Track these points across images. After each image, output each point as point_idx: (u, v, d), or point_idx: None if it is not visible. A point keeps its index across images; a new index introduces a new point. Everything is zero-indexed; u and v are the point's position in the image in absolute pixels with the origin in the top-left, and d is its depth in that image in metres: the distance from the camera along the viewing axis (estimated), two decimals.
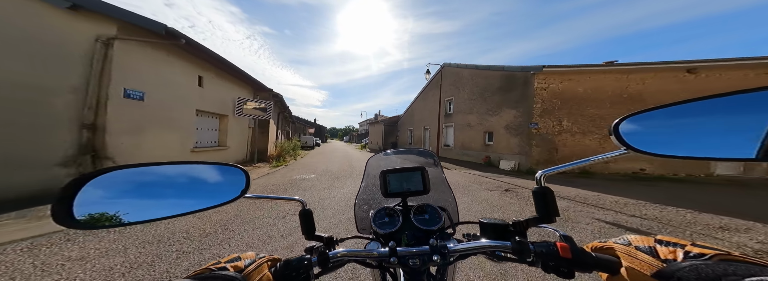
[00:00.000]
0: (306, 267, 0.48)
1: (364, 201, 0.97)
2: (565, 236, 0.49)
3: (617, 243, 0.44)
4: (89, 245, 2.79)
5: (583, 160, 0.50)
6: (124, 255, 2.58)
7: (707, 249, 0.36)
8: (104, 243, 2.86)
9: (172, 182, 0.51)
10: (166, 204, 0.48)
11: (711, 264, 0.32)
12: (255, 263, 0.45)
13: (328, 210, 4.35)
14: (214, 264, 0.43)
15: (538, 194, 0.55)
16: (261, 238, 3.12)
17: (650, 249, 0.39)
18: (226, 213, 4.01)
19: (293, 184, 7.00)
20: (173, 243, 2.91)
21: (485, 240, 0.56)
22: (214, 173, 0.57)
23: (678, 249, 0.37)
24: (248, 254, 0.48)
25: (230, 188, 0.56)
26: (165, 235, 3.12)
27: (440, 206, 0.81)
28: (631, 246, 0.42)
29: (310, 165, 11.75)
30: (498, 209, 4.50)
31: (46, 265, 2.33)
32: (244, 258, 0.46)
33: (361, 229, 0.90)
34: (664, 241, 0.40)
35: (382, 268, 0.63)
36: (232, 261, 0.44)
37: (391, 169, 0.83)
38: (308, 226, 0.66)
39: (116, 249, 2.72)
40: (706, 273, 0.31)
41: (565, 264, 0.45)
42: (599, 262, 0.43)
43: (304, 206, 0.66)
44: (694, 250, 0.36)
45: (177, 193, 0.51)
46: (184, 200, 0.51)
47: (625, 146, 0.45)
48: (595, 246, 0.47)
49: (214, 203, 0.53)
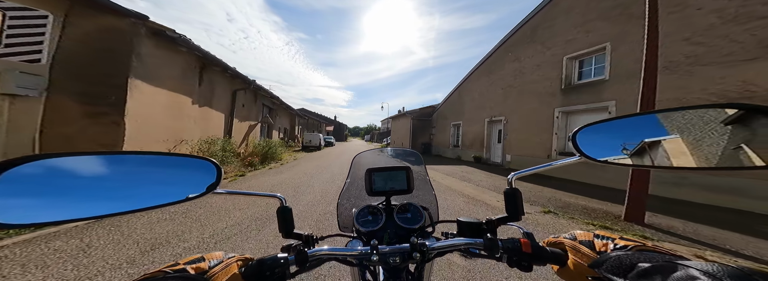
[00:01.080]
0: (282, 265, 0.47)
1: (347, 200, 0.96)
2: (527, 233, 0.54)
3: (566, 239, 0.49)
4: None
5: (545, 164, 0.54)
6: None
7: (630, 241, 0.43)
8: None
9: (130, 173, 0.46)
10: (119, 199, 0.42)
11: (630, 254, 0.38)
12: (222, 263, 0.43)
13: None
14: (171, 265, 0.41)
15: (508, 194, 0.60)
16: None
17: (589, 243, 0.46)
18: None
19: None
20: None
21: (461, 238, 0.57)
22: (181, 166, 0.54)
23: (609, 242, 0.44)
24: (215, 254, 0.46)
25: (199, 182, 0.52)
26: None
27: (422, 206, 0.81)
28: (576, 240, 0.48)
29: (261, 185, 6.52)
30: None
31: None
32: (208, 259, 0.44)
33: (343, 227, 0.90)
34: (600, 235, 0.47)
35: (362, 266, 0.62)
36: (192, 262, 0.42)
37: (376, 167, 0.83)
38: (286, 224, 0.64)
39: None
40: (625, 261, 0.36)
41: (526, 258, 0.48)
42: (552, 256, 0.48)
43: (283, 203, 0.65)
44: (620, 242, 0.43)
45: (134, 186, 0.46)
46: (141, 195, 0.45)
47: (578, 153, 0.49)
48: (550, 241, 0.52)
49: (177, 198, 0.49)
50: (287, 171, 8.60)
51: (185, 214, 3.67)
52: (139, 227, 3.15)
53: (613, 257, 0.38)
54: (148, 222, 3.33)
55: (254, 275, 0.43)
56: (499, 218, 0.60)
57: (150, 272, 0.38)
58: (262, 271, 0.44)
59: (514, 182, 0.59)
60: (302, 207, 4.25)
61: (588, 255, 0.43)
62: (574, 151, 0.49)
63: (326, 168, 9.51)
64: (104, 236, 2.83)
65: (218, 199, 4.30)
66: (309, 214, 3.92)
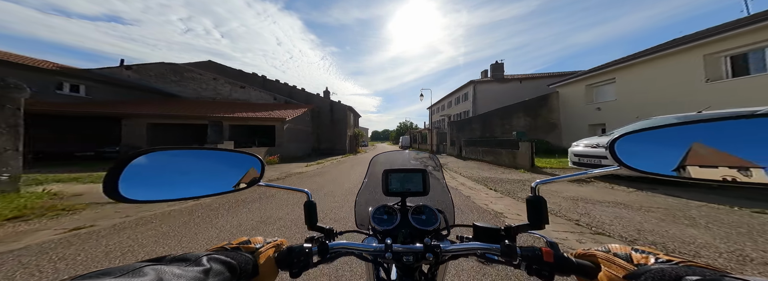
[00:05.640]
0: (306, 254, 0.52)
1: (364, 198, 0.98)
2: (551, 242, 0.52)
3: (599, 251, 0.46)
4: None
5: (579, 173, 0.52)
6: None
7: (676, 257, 0.38)
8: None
9: (200, 164, 0.57)
10: (193, 184, 0.54)
11: (675, 267, 0.35)
12: (264, 247, 0.51)
13: None
14: (226, 244, 0.49)
15: (532, 202, 0.58)
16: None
17: (626, 256, 0.41)
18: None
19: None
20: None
21: (477, 243, 0.57)
22: (234, 160, 0.63)
23: (650, 256, 0.40)
24: (257, 238, 0.54)
25: (248, 174, 0.63)
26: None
27: (438, 209, 0.81)
28: (610, 253, 0.44)
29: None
30: None
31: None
32: (253, 242, 0.51)
33: (359, 224, 0.93)
34: (640, 249, 0.43)
35: (377, 263, 0.63)
36: (243, 243, 0.50)
37: (393, 169, 0.84)
38: (311, 217, 0.69)
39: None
40: (669, 273, 0.33)
41: (547, 267, 0.47)
42: (578, 267, 0.45)
43: (309, 197, 0.70)
44: (664, 257, 0.39)
45: (202, 175, 0.57)
46: (208, 182, 0.57)
47: (617, 163, 0.47)
48: (579, 252, 0.49)
49: (233, 187, 0.59)
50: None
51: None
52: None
53: (654, 269, 0.35)
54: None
55: (284, 259, 0.50)
56: (520, 225, 0.59)
57: (212, 247, 0.47)
58: (290, 257, 0.51)
59: (539, 190, 0.58)
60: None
61: (623, 267, 0.39)
62: (612, 160, 0.47)
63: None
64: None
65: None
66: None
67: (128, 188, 0.44)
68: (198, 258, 0.36)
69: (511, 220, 3.65)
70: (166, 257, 0.35)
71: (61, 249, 2.59)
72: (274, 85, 25.46)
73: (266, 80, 25.47)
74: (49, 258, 2.38)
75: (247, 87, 22.09)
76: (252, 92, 22.14)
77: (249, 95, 22.06)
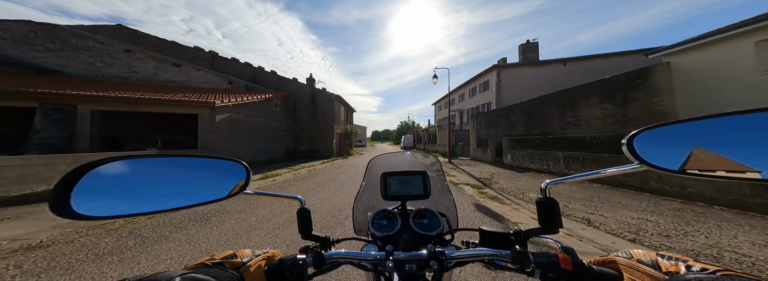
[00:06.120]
0: (300, 267, 0.48)
1: (362, 203, 0.94)
2: (566, 248, 0.50)
3: (619, 257, 0.44)
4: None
5: (592, 172, 0.48)
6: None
7: (710, 265, 0.36)
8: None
9: (173, 174, 0.50)
10: (166, 196, 0.47)
11: (715, 277, 0.32)
12: (252, 261, 0.46)
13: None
14: (208, 259, 0.44)
15: (542, 204, 0.54)
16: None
17: (653, 263, 0.39)
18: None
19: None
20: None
21: (484, 248, 0.55)
22: (215, 168, 0.57)
23: (680, 263, 0.37)
24: (245, 251, 0.49)
25: (231, 182, 0.56)
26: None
27: (440, 212, 0.78)
28: (633, 259, 0.42)
29: None
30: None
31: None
32: (240, 256, 0.47)
33: (358, 231, 0.89)
34: (666, 256, 0.40)
35: (378, 272, 0.60)
36: (227, 258, 0.45)
37: (391, 172, 0.82)
38: (305, 225, 0.65)
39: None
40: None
41: (565, 276, 0.44)
42: (600, 275, 0.43)
43: (303, 204, 0.66)
44: (696, 265, 0.36)
45: (179, 185, 0.50)
46: (184, 193, 0.49)
47: (638, 161, 0.44)
48: (598, 260, 0.47)
49: (215, 197, 0.53)
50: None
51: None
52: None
53: (691, 279, 0.32)
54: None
55: (275, 273, 0.46)
56: (531, 229, 0.56)
57: (191, 264, 0.42)
58: (282, 271, 0.46)
59: (550, 192, 0.54)
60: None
61: (652, 275, 0.37)
62: (631, 158, 0.44)
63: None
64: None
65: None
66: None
67: (83, 203, 0.37)
68: (171, 278, 0.32)
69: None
70: (130, 279, 0.31)
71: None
72: (230, 64, 18.22)
73: (218, 58, 18.16)
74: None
75: (186, 65, 15.22)
76: (192, 72, 15.31)
77: (188, 76, 15.27)
